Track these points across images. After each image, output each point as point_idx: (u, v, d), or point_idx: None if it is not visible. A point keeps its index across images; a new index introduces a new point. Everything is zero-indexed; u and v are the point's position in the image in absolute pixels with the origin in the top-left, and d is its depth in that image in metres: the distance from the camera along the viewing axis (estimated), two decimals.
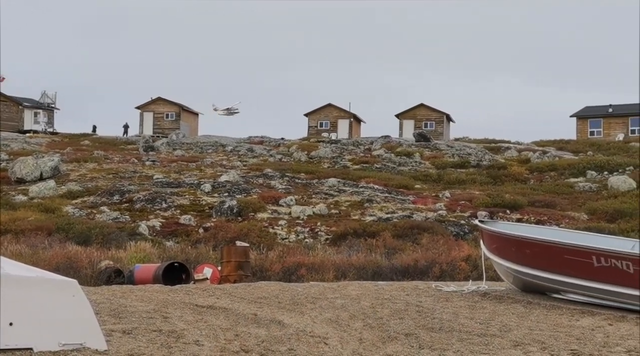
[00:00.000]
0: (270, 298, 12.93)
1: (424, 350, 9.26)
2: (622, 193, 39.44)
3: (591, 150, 55.46)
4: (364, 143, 58.70)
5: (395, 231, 30.28)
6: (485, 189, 41.68)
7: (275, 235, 31.82)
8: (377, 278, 20.89)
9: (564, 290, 13.49)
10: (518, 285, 14.37)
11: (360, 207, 37.10)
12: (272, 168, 47.07)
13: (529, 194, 39.76)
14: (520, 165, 49.94)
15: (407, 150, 54.96)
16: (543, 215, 34.78)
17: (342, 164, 51.21)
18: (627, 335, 10.46)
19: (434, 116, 77.68)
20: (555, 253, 13.15)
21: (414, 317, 11.36)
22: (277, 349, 9.03)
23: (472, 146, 56.96)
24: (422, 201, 38.09)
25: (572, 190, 41.60)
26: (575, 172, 46.15)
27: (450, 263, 23.00)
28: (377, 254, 25.11)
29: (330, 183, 42.43)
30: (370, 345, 9.46)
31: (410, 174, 47.45)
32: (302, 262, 23.44)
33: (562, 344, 9.71)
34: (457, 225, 33.07)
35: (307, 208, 35.80)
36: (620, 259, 12.29)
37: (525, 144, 60.70)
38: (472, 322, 11.12)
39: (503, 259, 14.27)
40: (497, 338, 10.03)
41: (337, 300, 12.84)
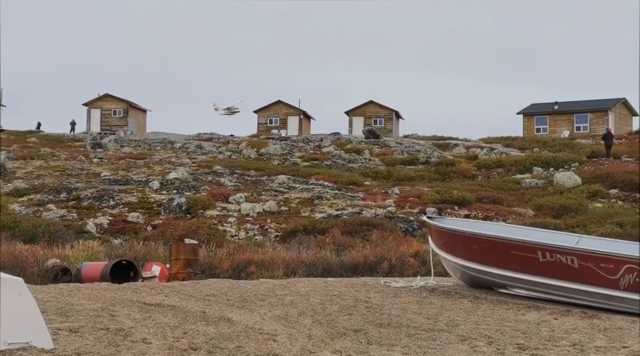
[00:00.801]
0: (219, 296, 12.89)
1: (373, 345, 9.32)
2: (567, 190, 40.00)
3: (537, 147, 56.15)
4: (314, 140, 58.77)
5: (344, 228, 30.36)
6: (434, 186, 41.98)
7: (224, 233, 31.71)
8: (327, 275, 20.93)
9: (511, 285, 13.66)
10: (465, 280, 14.52)
11: (310, 203, 37.14)
12: (221, 165, 46.89)
13: (477, 190, 40.14)
14: (468, 161, 50.38)
15: (356, 147, 55.13)
16: (490, 211, 35.13)
17: (292, 161, 51.21)
18: (572, 329, 10.63)
19: (384, 113, 78.02)
20: (501, 248, 13.31)
21: (362, 313, 11.42)
22: (226, 346, 9.01)
23: (421, 143, 57.34)
24: (372, 198, 38.25)
25: (518, 187, 42.07)
26: (521, 169, 46.70)
27: (399, 259, 23.13)
28: (327, 251, 25.14)
29: (280, 180, 42.41)
30: (319, 341, 9.49)
31: (359, 171, 47.60)
32: (251, 259, 23.39)
33: (508, 338, 9.83)
34: (406, 222, 33.27)
35: (256, 206, 35.74)
36: (565, 254, 12.48)
37: (473, 141, 61.28)
38: (420, 317, 11.21)
39: (451, 255, 14.40)
40: (445, 333, 10.13)
41: (286, 297, 12.85)
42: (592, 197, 38.52)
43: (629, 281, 11.70)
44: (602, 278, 11.98)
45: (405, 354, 8.78)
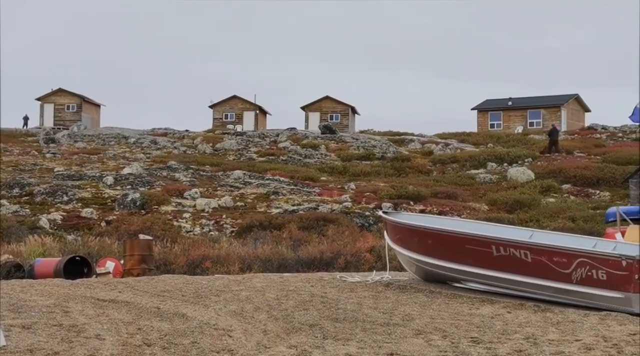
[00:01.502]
0: (173, 292, 12.82)
1: (328, 340, 9.33)
2: (520, 184, 40.39)
3: (491, 143, 56.59)
4: (270, 136, 58.64)
5: (301, 223, 30.37)
6: (390, 181, 42.15)
7: (179, 228, 31.55)
8: (283, 270, 20.92)
9: (465, 279, 13.75)
10: (420, 274, 14.58)
11: (266, 199, 37.09)
12: (176, 160, 46.59)
13: (432, 186, 40.38)
14: (424, 157, 50.64)
15: (312, 142, 55.13)
16: (445, 206, 35.38)
17: (247, 156, 51.06)
18: (525, 322, 10.73)
19: (340, 108, 78.13)
20: (456, 243, 13.40)
21: (318, 308, 11.42)
22: (180, 342, 8.97)
23: (376, 138, 57.51)
24: (328, 193, 38.30)
25: (473, 182, 42.40)
26: (476, 164, 47.06)
27: (355, 254, 23.20)
28: (283, 246, 25.14)
29: (236, 175, 42.27)
30: (274, 337, 9.48)
31: (316, 166, 47.63)
32: (207, 255, 23.30)
33: (463, 332, 9.90)
34: (362, 217, 33.38)
35: (212, 201, 35.60)
36: (519, 248, 12.59)
37: (428, 137, 61.55)
38: (375, 312, 11.24)
39: (406, 249, 14.45)
40: (400, 327, 10.17)
41: (241, 293, 12.82)
42: (545, 192, 38.96)
43: (581, 275, 11.84)
44: (555, 272, 12.10)
45: (360, 348, 8.80)
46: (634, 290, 11.31)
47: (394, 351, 8.63)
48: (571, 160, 46.30)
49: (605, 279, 11.57)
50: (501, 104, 71.84)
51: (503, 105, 71.50)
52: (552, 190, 39.55)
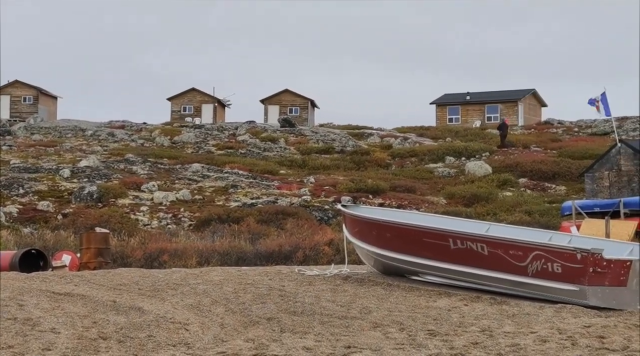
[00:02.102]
0: (130, 285, 12.73)
1: (286, 333, 9.32)
2: (478, 178, 40.69)
3: (450, 137, 56.92)
4: (229, 129, 58.41)
5: (259, 216, 30.32)
6: (349, 174, 42.23)
7: (137, 221, 31.34)
8: (241, 264, 20.89)
9: (423, 272, 13.81)
10: (379, 267, 14.63)
11: (225, 192, 36.96)
12: (133, 153, 46.24)
13: (391, 179, 40.52)
14: (383, 151, 50.77)
15: (272, 135, 55.02)
16: (404, 199, 35.52)
17: (206, 149, 50.83)
18: (482, 314, 10.81)
19: (299, 102, 78.04)
20: (414, 236, 13.45)
21: (276, 301, 11.41)
22: (136, 336, 8.91)
23: (336, 132, 57.54)
24: (287, 186, 38.27)
25: (431, 175, 42.63)
26: (434, 158, 47.31)
27: (314, 248, 23.24)
28: (242, 240, 25.08)
29: (194, 168, 42.06)
30: (231, 330, 9.45)
31: (275, 160, 47.56)
32: (164, 248, 23.19)
33: (420, 325, 9.94)
34: (321, 210, 33.40)
35: (169, 194, 35.39)
36: (475, 241, 12.67)
37: (387, 130, 61.73)
38: (333, 305, 11.25)
39: (364, 243, 14.49)
40: (358, 320, 10.19)
41: (199, 286, 12.76)
42: (502, 186, 39.30)
43: (536, 267, 11.94)
44: (511, 265, 12.19)
45: (318, 341, 8.80)
46: (588, 283, 11.44)
47: (351, 344, 8.64)
48: (528, 155, 46.73)
49: (560, 272, 11.69)
50: (459, 99, 72.26)
51: (461, 99, 71.92)
52: (509, 184, 39.90)
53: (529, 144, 51.13)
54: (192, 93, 78.86)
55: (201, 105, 77.78)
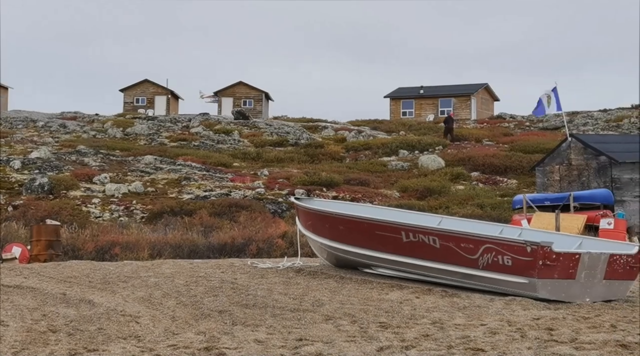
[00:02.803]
0: (80, 278, 12.62)
1: (237, 326, 9.30)
2: (431, 172, 40.93)
3: (403, 130, 57.18)
4: (182, 121, 58.04)
5: (213, 209, 30.17)
6: (303, 167, 42.22)
7: (88, 214, 31.02)
8: (194, 256, 20.80)
9: (375, 265, 13.87)
10: (331, 260, 14.66)
11: (178, 184, 36.74)
12: (85, 145, 45.75)
13: (345, 172, 40.59)
14: (337, 144, 50.83)
15: (225, 128, 54.78)
16: (358, 192, 35.61)
17: (159, 141, 50.47)
18: (433, 307, 10.88)
19: (253, 94, 77.84)
20: (366, 229, 13.50)
21: (228, 294, 11.38)
22: (86, 328, 8.83)
23: (290, 125, 57.50)
24: (241, 179, 38.15)
25: (385, 169, 42.77)
26: (388, 151, 47.48)
27: (267, 241, 23.20)
28: (194, 232, 24.95)
29: (147, 160, 41.74)
30: (182, 323, 9.40)
31: (228, 152, 47.37)
32: (116, 241, 22.98)
33: (372, 317, 9.98)
34: (275, 203, 33.35)
35: (122, 186, 35.09)
36: (427, 234, 12.75)
37: (341, 124, 61.84)
38: (285, 298, 11.25)
39: (317, 235, 14.51)
40: (310, 313, 10.20)
41: (150, 279, 12.69)
42: (454, 180, 39.58)
43: (487, 260, 12.05)
44: (462, 258, 12.29)
45: (269, 334, 8.79)
46: (538, 276, 11.58)
47: (302, 336, 8.64)
48: (480, 149, 47.11)
49: (510, 265, 11.81)
50: (413, 92, 72.65)
51: (415, 93, 72.32)
52: (462, 177, 40.21)
53: (482, 138, 51.55)
54: (145, 84, 78.28)
55: (154, 97, 77.25)
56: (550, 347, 8.19)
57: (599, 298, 11.88)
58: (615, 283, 12.06)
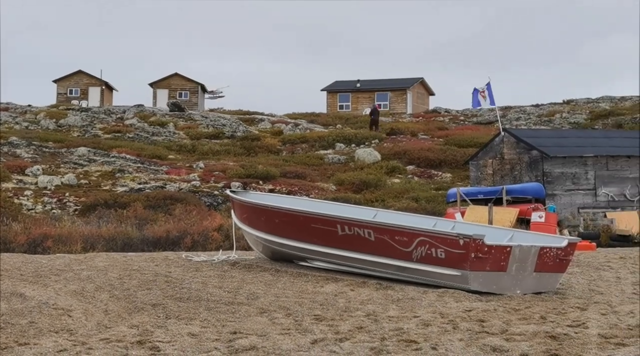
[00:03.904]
0: (12, 271, 12.42)
1: (171, 319, 9.25)
2: (367, 165, 41.13)
3: (340, 124, 57.37)
4: (116, 112, 57.35)
5: (147, 202, 29.88)
6: (239, 160, 42.07)
7: (20, 206, 30.47)
8: (127, 250, 20.61)
9: (311, 258, 13.93)
10: (267, 253, 14.68)
11: (112, 177, 36.32)
12: (17, 136, 44.91)
13: (281, 165, 40.56)
14: (273, 137, 50.77)
15: (161, 119, 54.28)
16: (294, 185, 35.63)
17: (92, 133, 49.82)
18: (367, 299, 10.97)
19: (189, 86, 77.25)
20: (302, 222, 13.54)
21: (162, 288, 11.31)
22: (18, 322, 8.69)
23: (226, 117, 57.22)
24: (176, 172, 37.86)
25: (321, 162, 42.86)
26: (325, 144, 47.59)
27: (202, 234, 23.06)
28: (128, 225, 24.69)
29: (80, 152, 41.17)
30: (115, 316, 9.32)
31: (164, 144, 46.96)
32: (48, 234, 22.61)
33: (306, 310, 10.02)
34: (210, 196, 33.18)
35: (55, 178, 34.56)
36: (363, 227, 12.84)
37: (278, 116, 61.77)
38: (220, 291, 11.23)
39: (253, 228, 14.51)
40: (245, 306, 10.20)
41: (83, 272, 12.55)
42: (390, 173, 39.84)
43: (421, 253, 12.18)
44: (397, 251, 12.41)
45: (203, 328, 8.76)
46: (470, 268, 11.74)
47: (237, 329, 8.64)
48: (415, 142, 47.51)
49: (443, 257, 11.95)
50: (350, 86, 72.89)
51: (352, 87, 72.57)
52: (397, 171, 40.49)
53: (417, 132, 51.98)
54: (79, 75, 77.14)
55: (88, 88, 76.17)
56: (481, 338, 8.32)
57: (530, 290, 12.10)
58: (545, 276, 12.30)
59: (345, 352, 7.59)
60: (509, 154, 27.93)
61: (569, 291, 12.49)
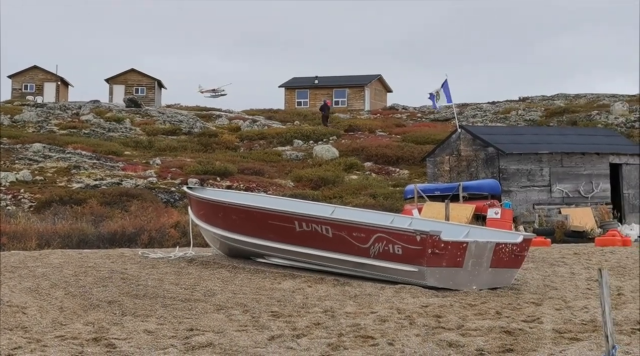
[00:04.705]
0: None
1: (127, 316, 9.18)
2: (325, 162, 41.16)
3: (298, 120, 57.33)
4: (72, 108, 56.73)
5: (103, 198, 29.62)
6: (197, 156, 41.85)
7: None
8: (83, 246, 20.42)
9: (269, 255, 13.91)
10: (224, 250, 14.63)
11: (67, 173, 35.94)
12: None
13: (239, 162, 40.43)
14: (231, 133, 50.58)
15: (117, 115, 53.81)
16: (252, 182, 35.54)
17: (48, 129, 49.25)
18: (325, 296, 10.98)
19: (145, 82, 76.63)
20: (259, 219, 13.51)
21: (118, 284, 11.23)
22: None
23: (183, 113, 56.90)
24: (132, 168, 37.58)
25: (280, 158, 42.81)
26: (283, 141, 47.52)
27: (159, 230, 22.93)
28: (84, 222, 24.45)
29: (35, 148, 40.67)
30: (71, 314, 9.24)
31: (120, 140, 46.57)
32: (3, 230, 22.32)
33: (264, 306, 10.01)
34: (167, 192, 32.98)
35: (9, 174, 34.12)
36: (320, 224, 12.85)
37: (236, 113, 61.54)
38: (177, 288, 11.17)
39: (210, 225, 14.45)
40: (201, 302, 10.15)
41: (38, 269, 12.41)
42: (348, 170, 39.92)
43: (378, 249, 12.22)
44: (354, 247, 12.44)
45: (160, 324, 8.71)
46: (427, 264, 11.81)
47: (193, 326, 8.60)
48: (373, 139, 47.64)
49: (400, 253, 12.01)
50: (308, 83, 72.85)
51: (310, 83, 72.53)
52: (355, 167, 40.59)
53: (375, 129, 52.12)
54: (34, 71, 76.20)
55: (43, 84, 75.26)
56: (437, 334, 8.38)
57: (485, 286, 12.20)
58: (501, 271, 12.41)
59: (302, 348, 7.60)
60: (465, 151, 28.12)
61: (524, 286, 12.62)
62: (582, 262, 16.57)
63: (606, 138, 31.02)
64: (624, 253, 19.02)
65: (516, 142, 28.25)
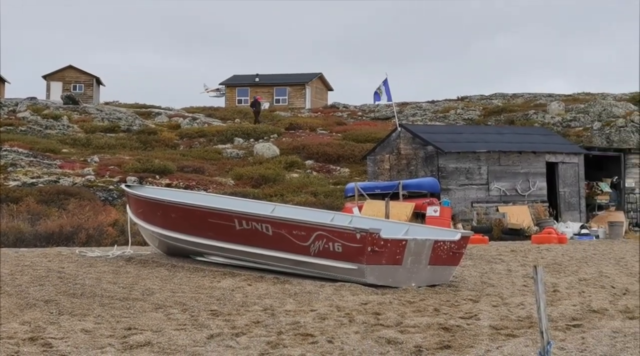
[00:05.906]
0: None
1: (64, 316, 9.07)
2: (266, 160, 41.10)
3: (239, 118, 57.14)
4: (8, 105, 55.75)
5: (40, 196, 29.19)
6: (135, 154, 41.44)
7: None
8: (20, 245, 20.11)
9: (208, 253, 13.86)
10: (163, 249, 14.53)
11: (3, 171, 35.32)
12: None
13: (179, 160, 40.15)
14: (171, 131, 50.20)
15: (54, 113, 53.00)
16: (192, 180, 35.34)
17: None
18: (264, 294, 10.98)
19: (84, 79, 75.65)
20: (198, 217, 13.45)
21: (55, 284, 11.09)
22: None
23: (122, 111, 56.30)
24: (70, 166, 37.07)
25: (220, 156, 42.61)
26: (223, 139, 47.32)
27: (97, 229, 22.68)
28: (20, 220, 24.06)
29: None
30: (6, 313, 9.09)
31: (57, 138, 45.90)
32: None
33: (203, 305, 9.97)
34: (105, 190, 32.63)
35: None
36: (260, 222, 12.84)
37: (175, 110, 61.10)
38: (115, 287, 11.07)
39: (149, 223, 14.34)
40: (140, 301, 10.07)
41: None
42: (289, 168, 39.92)
43: (319, 247, 12.26)
44: (294, 245, 12.46)
45: (97, 324, 8.62)
46: (366, 262, 11.88)
47: (132, 325, 8.53)
48: (314, 137, 47.71)
49: (341, 251, 12.06)
50: (249, 80, 72.67)
51: (250, 81, 72.36)
52: (296, 165, 40.60)
53: (316, 127, 52.19)
54: None
55: None
56: (376, 331, 8.43)
57: (424, 283, 12.32)
58: (439, 269, 12.54)
59: (242, 347, 7.58)
60: (405, 149, 28.33)
61: (461, 283, 12.77)
62: (519, 259, 16.82)
63: (543, 138, 31.53)
64: (560, 250, 19.37)
65: (455, 140, 28.55)
